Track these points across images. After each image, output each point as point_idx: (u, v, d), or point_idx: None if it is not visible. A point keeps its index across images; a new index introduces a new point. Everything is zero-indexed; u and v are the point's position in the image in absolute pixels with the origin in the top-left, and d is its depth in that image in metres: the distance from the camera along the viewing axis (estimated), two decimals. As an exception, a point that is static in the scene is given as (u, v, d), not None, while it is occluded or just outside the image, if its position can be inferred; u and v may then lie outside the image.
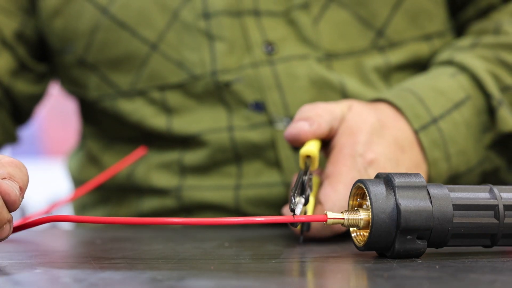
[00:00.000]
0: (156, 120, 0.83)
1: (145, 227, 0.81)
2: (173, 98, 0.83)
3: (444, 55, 0.81)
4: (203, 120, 0.82)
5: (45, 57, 0.91)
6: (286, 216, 0.55)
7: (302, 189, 0.60)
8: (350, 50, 0.82)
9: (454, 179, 0.74)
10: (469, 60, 0.77)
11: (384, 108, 0.72)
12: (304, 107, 0.69)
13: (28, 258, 0.56)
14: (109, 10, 0.83)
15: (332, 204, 0.64)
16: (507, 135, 0.76)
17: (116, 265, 0.52)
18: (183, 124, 0.83)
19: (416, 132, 0.72)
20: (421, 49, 0.84)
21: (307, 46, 0.81)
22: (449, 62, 0.79)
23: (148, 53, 0.82)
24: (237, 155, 0.81)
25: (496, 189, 0.55)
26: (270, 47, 0.81)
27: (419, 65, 0.84)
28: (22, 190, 0.52)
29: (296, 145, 0.68)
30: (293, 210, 0.56)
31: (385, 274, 0.47)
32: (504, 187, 0.55)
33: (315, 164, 0.65)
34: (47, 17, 0.86)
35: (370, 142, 0.67)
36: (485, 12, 0.85)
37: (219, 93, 0.81)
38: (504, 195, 0.55)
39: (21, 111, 0.92)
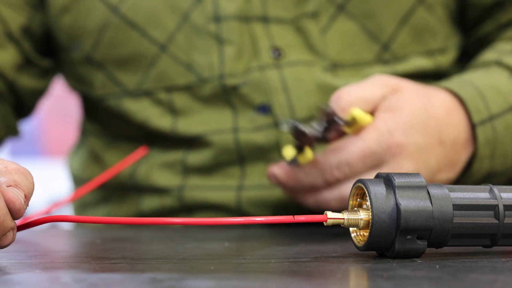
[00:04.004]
0: (161, 120, 0.83)
1: (145, 227, 0.81)
2: (180, 99, 0.83)
3: (489, 56, 0.81)
4: (208, 122, 0.82)
5: (50, 52, 0.91)
6: (285, 216, 0.55)
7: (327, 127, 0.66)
8: (356, 62, 0.82)
9: (487, 178, 0.75)
10: None
11: (442, 97, 0.73)
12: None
13: (28, 258, 0.56)
14: (119, 9, 0.83)
15: (336, 158, 0.68)
16: None
17: (116, 265, 0.52)
18: (188, 125, 0.83)
19: (473, 126, 0.73)
20: (424, 64, 0.84)
21: (314, 54, 0.81)
22: (498, 63, 0.80)
23: (157, 54, 0.82)
24: (240, 156, 0.81)
25: (496, 189, 0.55)
26: (277, 52, 0.81)
27: (424, 77, 0.84)
28: (27, 198, 0.52)
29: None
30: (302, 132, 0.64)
31: (385, 274, 0.47)
32: (504, 187, 0.55)
33: (356, 127, 0.68)
34: (56, 13, 0.86)
35: (408, 125, 0.69)
36: (506, 25, 0.86)
37: (226, 96, 0.81)
38: (504, 195, 0.55)
39: (24, 105, 0.92)
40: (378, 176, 0.55)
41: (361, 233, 0.55)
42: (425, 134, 0.69)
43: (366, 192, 0.53)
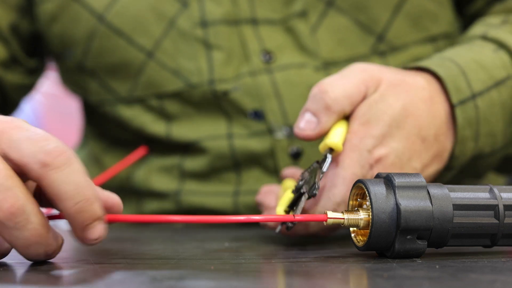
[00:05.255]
0: (155, 126, 0.83)
1: (145, 227, 0.81)
2: (171, 106, 0.82)
3: (476, 30, 0.76)
4: (203, 127, 0.82)
5: (37, 53, 0.91)
6: (286, 215, 0.55)
7: (311, 188, 0.58)
8: (350, 57, 0.80)
9: (476, 160, 0.70)
10: (504, 37, 0.73)
11: (421, 86, 0.66)
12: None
13: (28, 258, 0.56)
14: (105, 17, 0.82)
15: (326, 198, 0.60)
16: None
17: (116, 265, 0.52)
18: (182, 130, 0.82)
19: (453, 106, 0.67)
20: (425, 52, 0.82)
21: (305, 54, 0.80)
22: (484, 37, 0.74)
23: (144, 61, 0.82)
24: (236, 162, 0.81)
25: (496, 189, 0.55)
26: (268, 56, 0.80)
27: None
28: None
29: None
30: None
31: (385, 274, 0.47)
32: (504, 187, 0.55)
33: (336, 152, 0.62)
34: (45, 22, 0.86)
35: (385, 136, 0.63)
36: (494, 1, 0.83)
37: (217, 101, 0.81)
38: (504, 195, 0.55)
39: (8, 101, 0.91)
40: (378, 176, 0.55)
41: (361, 233, 0.55)
42: (403, 137, 0.64)
43: (366, 192, 0.53)
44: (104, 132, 0.90)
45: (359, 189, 0.55)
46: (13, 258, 0.54)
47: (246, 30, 0.81)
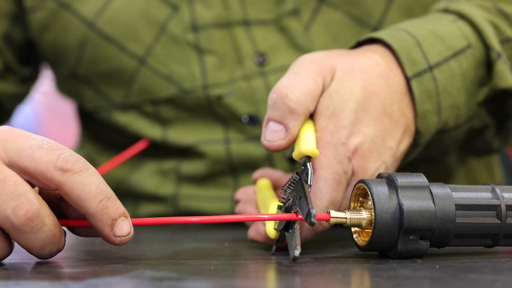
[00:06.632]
0: (151, 131, 0.83)
1: (145, 227, 0.80)
2: (166, 111, 0.82)
3: (439, 5, 0.74)
4: (199, 132, 0.81)
5: (30, 61, 0.91)
6: (289, 214, 0.55)
7: (307, 216, 0.52)
8: None
9: (441, 134, 0.67)
10: (466, 8, 0.70)
11: (375, 62, 0.63)
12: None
13: (28, 258, 0.56)
14: (95, 24, 0.82)
15: (314, 205, 0.55)
16: (501, 92, 0.69)
17: (116, 265, 0.52)
18: (178, 135, 0.82)
19: (408, 79, 0.63)
20: None
21: (299, 53, 0.78)
22: (444, 11, 0.71)
23: (137, 68, 0.81)
24: (233, 167, 0.81)
25: (498, 189, 0.55)
26: (261, 58, 0.79)
27: None
28: None
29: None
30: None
31: (385, 274, 0.47)
32: (506, 187, 0.55)
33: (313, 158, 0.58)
34: (37, 31, 0.85)
35: (354, 123, 0.60)
36: None
37: (211, 106, 0.80)
38: (506, 195, 0.54)
39: (2, 110, 0.91)
40: (379, 176, 0.55)
41: (363, 233, 0.55)
42: (372, 119, 0.60)
43: (369, 192, 0.53)
44: (100, 136, 0.89)
45: (361, 189, 0.55)
46: (13, 258, 0.54)
47: (239, 32, 0.80)
